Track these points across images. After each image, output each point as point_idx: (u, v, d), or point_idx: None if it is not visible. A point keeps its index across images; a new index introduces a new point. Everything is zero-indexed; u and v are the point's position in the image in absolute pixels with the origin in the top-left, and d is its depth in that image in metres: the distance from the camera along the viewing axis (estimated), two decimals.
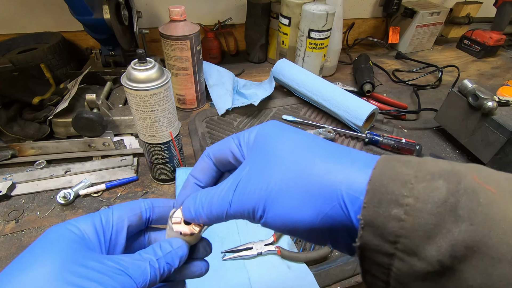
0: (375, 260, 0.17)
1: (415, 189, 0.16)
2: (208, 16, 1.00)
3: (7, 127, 0.59)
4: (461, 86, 0.67)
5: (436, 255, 0.15)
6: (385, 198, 0.16)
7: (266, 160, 0.21)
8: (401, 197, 0.16)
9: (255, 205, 0.20)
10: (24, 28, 0.85)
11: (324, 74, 0.97)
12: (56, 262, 0.18)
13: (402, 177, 0.17)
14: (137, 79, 0.42)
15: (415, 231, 0.15)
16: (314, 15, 0.78)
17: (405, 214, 0.16)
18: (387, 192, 0.16)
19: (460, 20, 1.22)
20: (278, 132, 0.22)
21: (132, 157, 0.61)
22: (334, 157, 0.20)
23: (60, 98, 0.66)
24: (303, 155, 0.20)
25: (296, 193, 0.19)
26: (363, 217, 0.17)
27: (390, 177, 0.17)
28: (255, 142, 0.23)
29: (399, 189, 0.16)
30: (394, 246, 0.16)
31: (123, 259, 0.21)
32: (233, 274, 0.44)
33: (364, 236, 0.17)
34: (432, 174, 0.16)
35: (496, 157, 0.59)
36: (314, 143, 0.21)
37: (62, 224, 0.21)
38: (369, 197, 0.17)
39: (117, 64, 0.79)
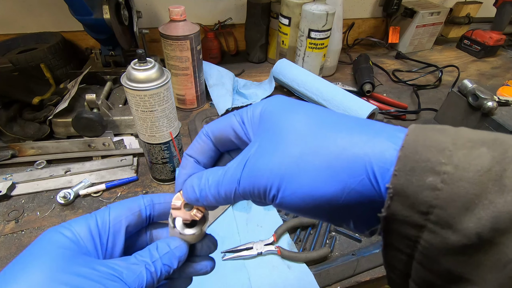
0: (400, 232, 0.16)
1: (455, 156, 0.14)
2: (208, 16, 1.00)
3: (7, 127, 0.59)
4: (461, 86, 0.67)
5: (475, 227, 0.14)
6: (419, 165, 0.15)
7: (278, 136, 0.19)
8: (438, 164, 0.14)
9: (268, 183, 0.18)
10: (24, 28, 0.85)
11: (324, 74, 0.97)
12: (45, 272, 0.18)
13: (439, 144, 0.15)
14: (137, 79, 0.42)
15: (452, 201, 0.14)
16: (314, 15, 0.78)
17: (442, 183, 0.14)
18: (421, 159, 0.15)
19: (460, 20, 1.22)
20: (288, 107, 0.20)
21: (132, 157, 0.61)
22: (357, 128, 0.18)
23: (60, 98, 0.66)
24: (322, 127, 0.18)
25: (317, 168, 0.17)
26: (392, 185, 0.15)
27: (425, 144, 0.15)
28: (263, 118, 0.21)
29: (436, 156, 0.15)
30: (425, 217, 0.15)
31: (117, 263, 0.20)
32: (233, 274, 0.44)
33: (392, 206, 0.16)
34: (473, 142, 0.15)
35: None
36: (331, 115, 0.19)
37: (56, 228, 0.20)
38: (401, 164, 0.15)
39: (117, 64, 0.79)
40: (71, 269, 0.18)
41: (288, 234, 0.50)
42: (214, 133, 0.23)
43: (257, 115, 0.21)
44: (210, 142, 0.23)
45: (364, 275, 0.46)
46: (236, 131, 0.22)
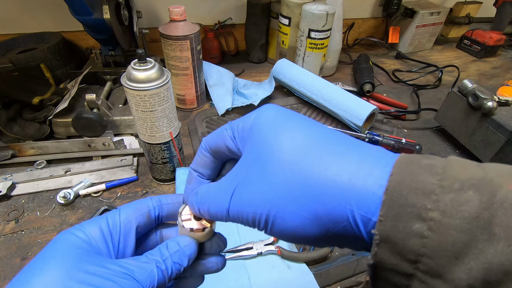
0: (390, 280, 0.16)
1: (441, 201, 0.14)
2: (208, 16, 1.00)
3: (7, 127, 0.59)
4: (461, 86, 0.67)
5: (466, 278, 0.13)
6: (404, 211, 0.14)
7: (263, 162, 0.19)
8: (424, 210, 0.14)
9: (255, 216, 0.19)
10: (24, 28, 0.85)
11: (324, 74, 0.97)
12: (60, 271, 0.18)
13: (425, 186, 0.14)
14: (137, 79, 0.42)
15: (440, 250, 0.14)
16: (314, 15, 0.78)
17: (429, 230, 0.14)
18: (407, 204, 0.14)
19: (460, 20, 1.22)
20: (277, 123, 0.20)
21: (132, 157, 0.61)
22: (343, 158, 0.17)
23: (60, 98, 0.66)
24: (305, 157, 0.18)
25: (300, 211, 0.17)
26: (378, 232, 0.15)
27: (410, 186, 0.15)
28: (251, 134, 0.20)
29: (422, 201, 0.14)
30: (414, 266, 0.14)
31: (129, 262, 0.20)
32: (233, 274, 0.44)
33: (379, 254, 0.15)
34: (460, 183, 0.14)
35: (496, 157, 0.59)
36: (318, 138, 0.19)
37: (68, 230, 0.21)
38: (386, 209, 0.15)
39: (117, 64, 0.79)
40: (85, 268, 0.19)
41: None
42: (211, 146, 0.24)
43: (247, 129, 0.21)
44: (210, 155, 0.24)
45: (364, 275, 0.46)
46: (227, 145, 0.22)
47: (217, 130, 0.23)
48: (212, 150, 0.24)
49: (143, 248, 0.25)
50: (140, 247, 0.25)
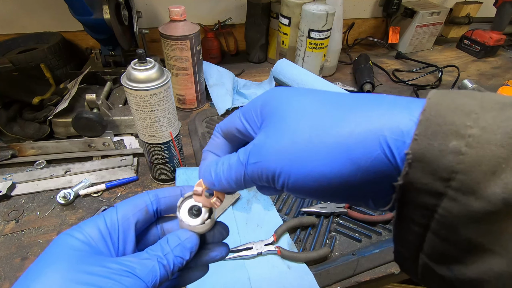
0: (417, 202, 0.15)
1: (482, 118, 0.13)
2: (208, 16, 1.00)
3: (7, 127, 0.59)
4: (461, 86, 0.67)
5: (501, 192, 0.13)
6: (442, 129, 0.14)
7: (285, 118, 0.18)
8: (464, 127, 0.13)
9: (277, 167, 0.18)
10: (24, 28, 0.85)
11: (324, 74, 0.97)
12: (60, 273, 0.18)
13: (465, 107, 0.14)
14: (137, 79, 0.42)
15: (477, 165, 0.13)
16: (314, 15, 0.78)
17: (467, 147, 0.13)
18: (445, 122, 0.14)
19: (460, 20, 1.22)
20: (292, 93, 0.20)
21: (132, 157, 0.61)
22: (370, 102, 0.17)
23: (60, 98, 0.66)
24: (332, 105, 0.17)
25: (328, 148, 0.16)
26: (412, 150, 0.14)
27: (449, 107, 0.14)
28: (265, 109, 0.20)
29: (461, 119, 0.13)
30: (446, 184, 0.14)
31: (129, 260, 0.20)
32: (233, 274, 0.44)
33: (411, 174, 0.14)
34: (502, 104, 0.14)
35: None
36: (341, 94, 0.18)
37: (67, 232, 0.21)
38: (422, 128, 0.14)
39: (117, 64, 0.79)
40: (85, 269, 0.19)
41: (288, 234, 0.50)
42: (223, 130, 0.24)
43: (259, 105, 0.21)
44: (222, 137, 0.25)
45: (364, 275, 0.46)
46: (237, 127, 0.22)
47: (230, 116, 0.24)
48: (224, 134, 0.24)
49: (145, 243, 0.25)
50: (142, 243, 0.25)
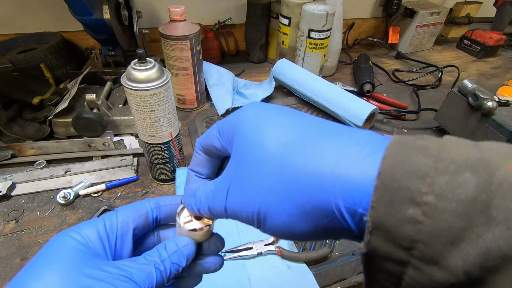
0: (383, 269, 0.15)
1: (436, 184, 0.13)
2: (208, 16, 1.00)
3: (7, 127, 0.59)
4: (461, 86, 0.67)
5: (462, 264, 0.13)
6: (398, 195, 0.14)
7: (249, 160, 0.19)
8: (419, 194, 0.13)
9: (248, 215, 0.19)
10: (24, 28, 0.85)
11: (324, 74, 0.97)
12: (58, 274, 0.18)
13: (420, 169, 0.13)
14: (137, 79, 0.42)
15: (436, 236, 0.13)
16: (314, 15, 0.78)
17: (424, 215, 0.13)
18: (400, 188, 0.14)
19: (460, 20, 1.22)
20: (258, 120, 0.20)
21: (132, 157, 0.61)
22: (325, 148, 0.17)
23: (60, 98, 0.66)
24: (287, 152, 0.18)
25: (288, 208, 0.18)
26: (371, 218, 0.14)
27: (404, 169, 0.14)
28: (235, 133, 0.20)
29: (416, 185, 0.13)
30: (408, 253, 0.14)
31: (127, 264, 0.20)
32: (233, 274, 0.44)
33: (372, 241, 0.14)
34: (456, 164, 0.13)
35: None
36: (300, 130, 0.18)
37: (65, 232, 0.21)
38: (379, 195, 0.14)
39: (117, 64, 0.79)
40: (84, 271, 0.19)
41: None
42: (202, 146, 0.24)
43: (230, 128, 0.21)
44: (204, 154, 0.24)
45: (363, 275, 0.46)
46: (214, 145, 0.22)
47: (207, 131, 0.23)
48: (204, 150, 0.24)
49: (141, 249, 0.25)
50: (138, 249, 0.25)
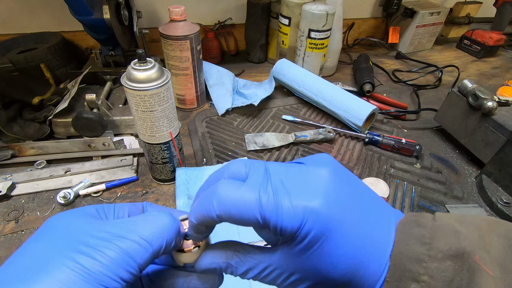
0: None
1: (429, 268, 0.19)
2: (208, 16, 1.00)
3: (7, 127, 0.59)
4: (461, 86, 0.67)
5: None
6: (404, 274, 0.19)
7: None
8: (418, 274, 0.19)
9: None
10: (24, 28, 0.85)
11: (324, 74, 0.97)
12: (59, 238, 0.18)
13: (418, 256, 0.19)
14: (137, 79, 0.42)
15: None
16: (314, 15, 0.78)
17: None
18: (405, 269, 0.19)
19: (460, 20, 1.22)
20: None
21: (132, 157, 0.61)
22: (357, 241, 0.20)
23: (60, 98, 0.66)
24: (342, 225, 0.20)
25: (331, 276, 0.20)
26: None
27: (407, 256, 0.19)
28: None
29: (416, 268, 0.19)
30: None
31: (134, 219, 0.21)
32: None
33: None
34: (442, 254, 0.19)
35: (496, 157, 0.59)
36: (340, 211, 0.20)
37: (59, 214, 0.21)
38: (391, 273, 0.20)
39: (117, 64, 0.79)
40: (86, 231, 0.19)
41: None
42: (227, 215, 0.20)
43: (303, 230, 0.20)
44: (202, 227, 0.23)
45: None
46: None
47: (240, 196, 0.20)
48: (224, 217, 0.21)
49: None
50: None
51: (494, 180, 0.59)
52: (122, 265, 0.18)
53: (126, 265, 0.18)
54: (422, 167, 0.64)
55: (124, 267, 0.18)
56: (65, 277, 0.16)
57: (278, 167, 0.21)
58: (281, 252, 0.21)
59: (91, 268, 0.17)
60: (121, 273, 0.18)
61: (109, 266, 0.17)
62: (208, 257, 0.23)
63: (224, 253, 0.23)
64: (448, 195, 0.59)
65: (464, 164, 0.67)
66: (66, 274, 0.16)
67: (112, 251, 0.18)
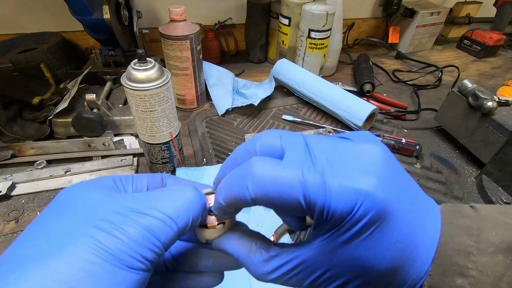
0: None
1: (479, 262, 0.17)
2: (208, 16, 1.00)
3: (7, 127, 0.59)
4: (461, 86, 0.67)
5: None
6: (449, 268, 0.18)
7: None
8: (466, 269, 0.18)
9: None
10: (24, 28, 0.85)
11: (324, 74, 0.97)
12: (79, 215, 0.17)
13: (465, 249, 0.18)
14: (137, 79, 0.42)
15: None
16: (314, 15, 0.78)
17: (470, 285, 0.17)
18: (451, 263, 0.18)
19: (460, 20, 1.22)
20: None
21: (132, 157, 0.61)
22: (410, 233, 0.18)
23: (60, 98, 0.66)
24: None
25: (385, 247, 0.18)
26: (428, 283, 0.18)
27: (453, 248, 0.18)
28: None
29: (464, 261, 0.18)
30: None
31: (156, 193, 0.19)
32: (233, 274, 0.44)
33: None
34: (494, 247, 0.18)
35: (496, 157, 0.59)
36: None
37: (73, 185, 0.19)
38: (435, 267, 0.18)
39: (117, 64, 0.79)
40: (104, 207, 0.17)
41: (288, 234, 0.50)
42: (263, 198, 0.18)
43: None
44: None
45: None
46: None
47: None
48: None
49: None
50: None
51: (494, 180, 0.59)
52: (145, 243, 0.16)
53: (150, 244, 0.16)
54: (422, 167, 0.64)
55: (148, 246, 0.16)
56: (84, 256, 0.15)
57: (322, 141, 0.18)
58: (317, 244, 0.18)
59: (112, 246, 0.15)
60: (145, 253, 0.16)
61: (131, 245, 0.16)
62: (230, 239, 0.21)
63: (248, 244, 0.20)
64: (448, 195, 0.59)
65: (464, 164, 0.67)
66: (85, 253, 0.15)
67: (133, 229, 0.16)
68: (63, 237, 0.15)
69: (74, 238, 0.15)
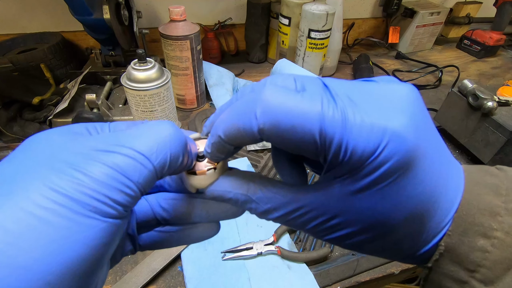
0: (442, 285, 0.17)
1: (506, 222, 0.16)
2: (208, 16, 1.00)
3: (7, 127, 0.59)
4: (461, 86, 0.67)
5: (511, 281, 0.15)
6: (471, 228, 0.16)
7: None
8: (490, 229, 0.16)
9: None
10: (24, 28, 0.85)
11: (324, 74, 0.97)
12: (43, 155, 0.15)
13: (491, 208, 0.16)
14: (137, 79, 0.43)
15: (499, 263, 0.16)
16: (314, 15, 0.78)
17: (492, 246, 0.16)
18: (474, 223, 0.16)
19: (460, 20, 1.22)
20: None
21: None
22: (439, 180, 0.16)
23: (60, 98, 0.66)
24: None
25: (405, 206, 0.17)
26: (444, 243, 0.17)
27: (478, 207, 0.16)
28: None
29: (488, 221, 0.16)
30: (471, 274, 0.16)
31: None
32: (233, 274, 0.44)
33: (440, 261, 0.17)
34: None
35: (496, 157, 0.59)
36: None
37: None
38: (455, 226, 0.17)
39: (117, 64, 0.79)
40: (67, 147, 0.15)
41: (288, 234, 0.50)
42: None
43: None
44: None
45: (364, 275, 0.46)
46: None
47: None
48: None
49: None
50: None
51: None
52: (113, 183, 0.14)
53: (119, 184, 0.14)
54: None
55: (117, 187, 0.14)
56: (34, 199, 0.12)
57: (341, 82, 0.16)
58: (325, 188, 0.16)
59: (70, 188, 0.13)
60: (114, 195, 0.14)
61: (94, 186, 0.13)
62: (225, 183, 0.18)
63: (245, 184, 0.18)
64: None
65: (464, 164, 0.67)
66: (36, 196, 0.12)
67: (98, 167, 0.14)
68: (11, 182, 0.13)
69: (23, 182, 0.13)
